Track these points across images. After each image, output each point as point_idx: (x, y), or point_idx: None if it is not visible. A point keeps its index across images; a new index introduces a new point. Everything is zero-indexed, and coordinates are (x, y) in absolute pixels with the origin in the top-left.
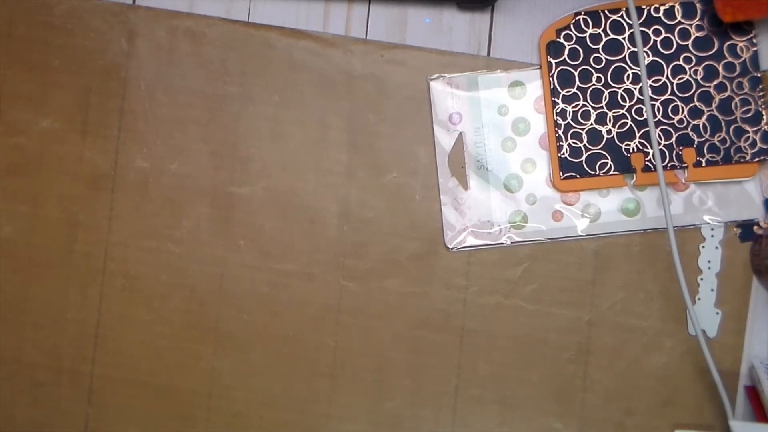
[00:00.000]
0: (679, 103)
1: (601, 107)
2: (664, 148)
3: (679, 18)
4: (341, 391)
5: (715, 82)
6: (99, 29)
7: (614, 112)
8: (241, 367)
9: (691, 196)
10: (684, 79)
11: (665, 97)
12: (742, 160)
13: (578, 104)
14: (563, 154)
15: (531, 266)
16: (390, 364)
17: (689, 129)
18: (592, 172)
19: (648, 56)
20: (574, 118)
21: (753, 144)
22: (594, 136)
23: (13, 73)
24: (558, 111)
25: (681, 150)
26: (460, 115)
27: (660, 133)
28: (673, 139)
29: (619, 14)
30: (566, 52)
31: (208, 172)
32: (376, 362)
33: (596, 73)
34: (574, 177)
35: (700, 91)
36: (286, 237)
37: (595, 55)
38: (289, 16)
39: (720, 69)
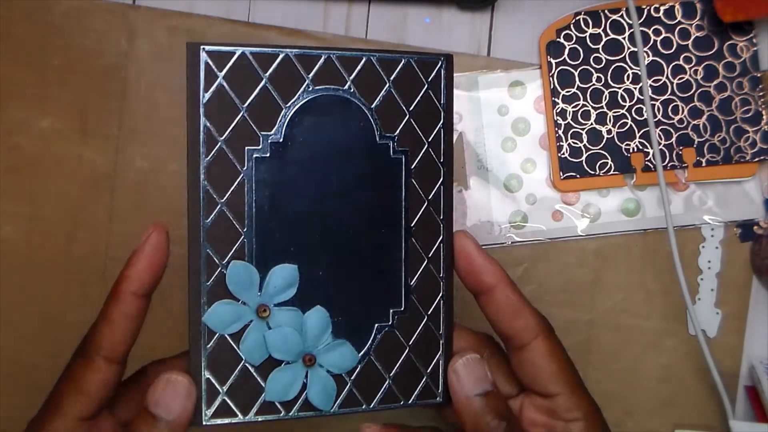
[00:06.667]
0: (679, 103)
1: (601, 107)
2: (664, 148)
3: (679, 18)
4: None
5: (715, 82)
6: (99, 29)
7: (614, 112)
8: None
9: (691, 196)
10: (684, 79)
11: (665, 97)
12: (742, 160)
13: (578, 104)
14: (563, 154)
15: (531, 266)
16: None
17: (689, 129)
18: (592, 172)
19: (648, 56)
20: (574, 118)
21: (753, 144)
22: (594, 136)
23: (13, 73)
24: (558, 111)
25: (681, 150)
26: (460, 115)
27: (660, 133)
28: (673, 139)
29: (619, 14)
30: (566, 52)
31: None
32: None
33: (596, 73)
34: (574, 177)
35: (700, 91)
36: None
37: (595, 55)
38: (289, 16)
39: (720, 69)
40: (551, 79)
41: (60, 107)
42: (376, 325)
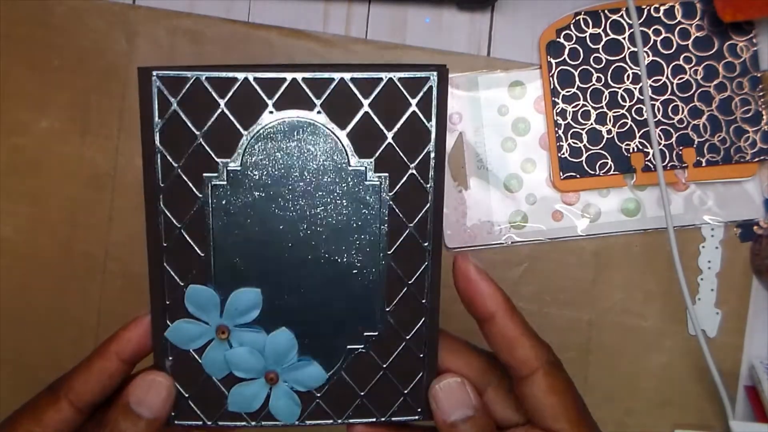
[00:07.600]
0: (679, 103)
1: (601, 107)
2: (664, 148)
3: (679, 18)
4: None
5: (715, 82)
6: (99, 29)
7: (614, 112)
8: None
9: (691, 196)
10: (684, 79)
11: (665, 97)
12: (742, 160)
13: (578, 104)
14: (563, 154)
15: (531, 266)
16: None
17: (689, 129)
18: (592, 172)
19: (648, 56)
20: (574, 118)
21: (753, 144)
22: (594, 136)
23: (13, 73)
24: (558, 111)
25: (681, 150)
26: (460, 115)
27: (660, 133)
28: (673, 139)
29: (619, 14)
30: (566, 52)
31: None
32: None
33: (596, 73)
34: (574, 177)
35: (700, 91)
36: None
37: (595, 55)
38: (289, 16)
39: (720, 69)
40: (551, 79)
41: (60, 107)
42: (347, 347)
